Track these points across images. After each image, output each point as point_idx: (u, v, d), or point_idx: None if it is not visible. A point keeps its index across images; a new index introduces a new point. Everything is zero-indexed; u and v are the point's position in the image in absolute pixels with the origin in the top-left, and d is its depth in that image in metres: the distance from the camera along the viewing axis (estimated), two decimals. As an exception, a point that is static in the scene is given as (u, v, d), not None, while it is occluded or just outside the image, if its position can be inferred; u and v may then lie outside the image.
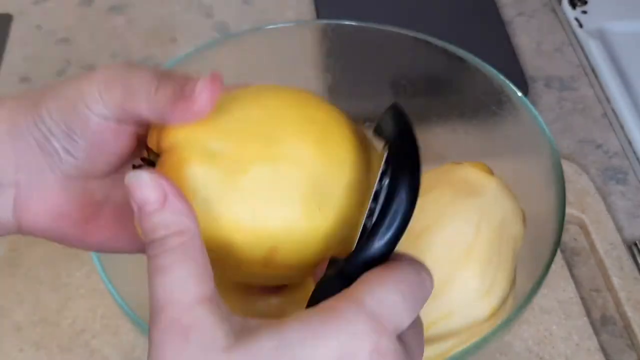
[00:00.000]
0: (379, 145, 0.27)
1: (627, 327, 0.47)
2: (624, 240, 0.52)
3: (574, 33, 0.66)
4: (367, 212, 0.24)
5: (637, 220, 0.54)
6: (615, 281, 0.48)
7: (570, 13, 0.68)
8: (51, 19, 0.68)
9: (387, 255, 0.23)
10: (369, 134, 0.28)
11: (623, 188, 0.56)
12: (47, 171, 0.27)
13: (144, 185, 0.23)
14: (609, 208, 0.54)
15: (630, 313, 0.47)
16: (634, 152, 0.57)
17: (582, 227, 0.52)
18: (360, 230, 0.24)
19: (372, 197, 0.24)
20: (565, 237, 0.52)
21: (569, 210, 0.52)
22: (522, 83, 0.61)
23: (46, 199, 0.28)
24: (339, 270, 0.24)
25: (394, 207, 0.23)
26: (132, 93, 0.26)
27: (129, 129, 0.27)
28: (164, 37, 0.66)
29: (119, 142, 0.27)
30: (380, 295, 0.23)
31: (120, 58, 0.65)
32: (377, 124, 0.27)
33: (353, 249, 0.24)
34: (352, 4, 0.67)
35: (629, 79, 0.62)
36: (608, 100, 0.61)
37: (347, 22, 0.49)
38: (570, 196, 0.53)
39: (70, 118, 0.26)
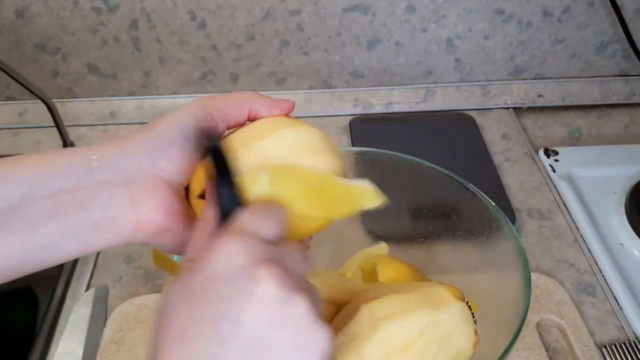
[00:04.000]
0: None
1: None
2: (596, 344, 0.51)
3: (548, 176, 0.69)
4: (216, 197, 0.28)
5: (605, 326, 0.53)
6: (590, 376, 0.48)
7: (546, 161, 0.70)
8: None
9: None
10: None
11: (593, 299, 0.56)
12: (155, 175, 0.29)
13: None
14: (583, 315, 0.53)
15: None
16: (600, 271, 0.58)
17: (562, 330, 0.52)
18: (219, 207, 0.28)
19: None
20: (549, 339, 0.52)
21: (551, 316, 0.53)
22: (510, 213, 0.63)
23: (156, 190, 0.29)
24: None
25: (226, 193, 0.27)
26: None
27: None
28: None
29: None
30: (232, 220, 0.26)
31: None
32: (202, 147, 0.29)
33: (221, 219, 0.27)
34: (378, 144, 0.68)
35: (593, 212, 0.64)
36: (577, 229, 0.62)
37: (376, 150, 0.50)
38: (551, 305, 0.54)
39: (186, 123, 0.29)
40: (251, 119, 0.32)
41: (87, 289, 0.57)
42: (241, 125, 0.32)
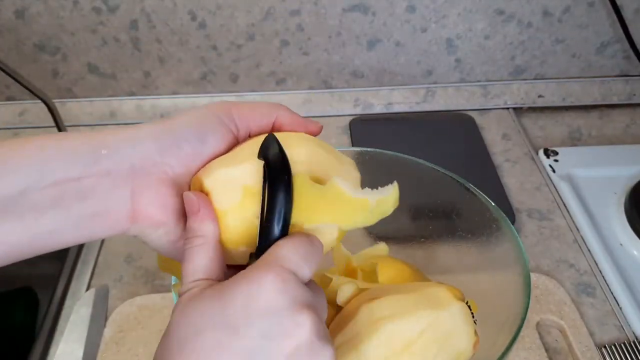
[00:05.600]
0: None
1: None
2: (596, 344, 0.51)
3: (548, 176, 0.69)
4: (260, 213, 0.27)
5: (605, 327, 0.53)
6: (589, 377, 0.48)
7: (545, 161, 0.70)
8: None
9: (281, 236, 0.27)
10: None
11: (593, 300, 0.56)
12: (161, 170, 0.29)
13: (189, 199, 0.28)
14: (582, 316, 0.54)
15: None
16: (600, 272, 0.58)
17: (562, 331, 0.53)
18: (259, 227, 0.27)
19: (261, 203, 0.27)
20: (549, 339, 0.52)
21: (551, 317, 0.53)
22: (510, 214, 0.63)
23: (158, 186, 0.29)
24: (262, 251, 0.27)
25: (277, 205, 0.26)
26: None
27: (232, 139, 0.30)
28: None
29: (221, 146, 0.30)
30: (275, 251, 0.26)
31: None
32: (259, 150, 0.29)
33: (261, 240, 0.27)
34: (378, 144, 0.69)
35: (593, 213, 0.64)
36: (577, 229, 0.62)
37: (376, 150, 0.50)
38: (551, 305, 0.54)
39: (195, 118, 0.29)
40: (275, 131, 0.32)
41: (88, 289, 0.57)
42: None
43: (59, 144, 0.27)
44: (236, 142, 0.31)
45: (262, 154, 0.29)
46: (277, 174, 0.27)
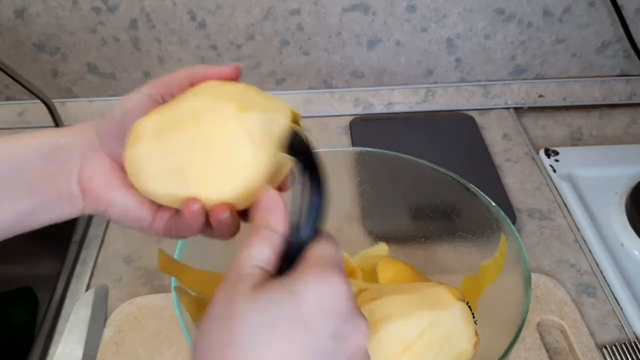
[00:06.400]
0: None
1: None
2: (596, 344, 0.51)
3: (549, 176, 0.69)
4: (297, 209, 0.29)
5: (605, 327, 0.53)
6: (590, 377, 0.48)
7: (546, 161, 0.70)
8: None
9: (316, 233, 0.28)
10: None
11: (593, 300, 0.56)
12: (105, 154, 0.33)
13: (271, 197, 0.29)
14: (583, 316, 0.53)
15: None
16: (600, 272, 0.58)
17: (562, 331, 0.53)
18: (298, 220, 0.29)
19: (299, 197, 0.29)
20: (549, 339, 0.52)
21: (551, 317, 0.53)
22: (511, 214, 0.63)
23: (100, 165, 0.33)
24: (294, 247, 0.28)
25: (313, 206, 0.28)
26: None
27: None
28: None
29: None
30: (327, 252, 0.27)
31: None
32: (287, 145, 0.31)
33: (294, 235, 0.28)
34: (378, 144, 0.71)
35: (593, 213, 0.64)
36: (578, 229, 0.62)
37: (376, 150, 0.51)
38: (552, 306, 0.54)
39: (127, 100, 0.33)
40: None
41: (87, 289, 0.57)
42: None
43: (30, 139, 0.33)
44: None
45: (289, 149, 0.30)
46: (315, 175, 0.29)
